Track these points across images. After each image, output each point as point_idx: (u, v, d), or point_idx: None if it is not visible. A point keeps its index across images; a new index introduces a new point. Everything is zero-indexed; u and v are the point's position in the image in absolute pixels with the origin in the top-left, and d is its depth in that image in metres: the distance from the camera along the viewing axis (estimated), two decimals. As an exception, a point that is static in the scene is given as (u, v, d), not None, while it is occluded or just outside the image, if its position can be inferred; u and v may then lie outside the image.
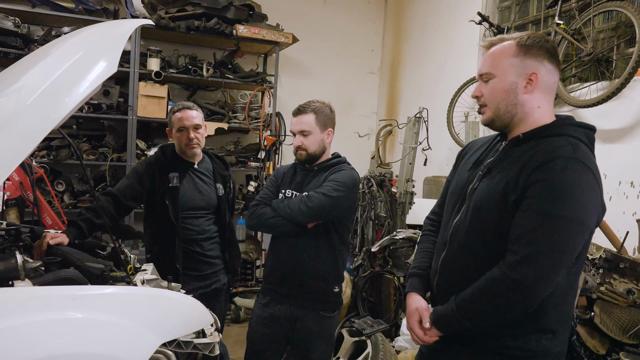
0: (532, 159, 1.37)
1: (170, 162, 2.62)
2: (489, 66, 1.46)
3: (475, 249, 1.46)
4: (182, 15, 4.39)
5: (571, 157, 1.33)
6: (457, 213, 1.54)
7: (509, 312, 1.36)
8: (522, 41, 1.43)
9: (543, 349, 1.40)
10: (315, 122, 2.30)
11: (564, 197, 1.30)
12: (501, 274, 1.34)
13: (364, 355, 3.04)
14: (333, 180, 2.27)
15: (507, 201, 1.38)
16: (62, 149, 4.11)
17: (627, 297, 2.23)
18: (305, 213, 2.21)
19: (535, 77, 1.41)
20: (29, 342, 1.25)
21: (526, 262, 1.30)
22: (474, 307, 1.40)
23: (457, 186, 1.59)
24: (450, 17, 4.73)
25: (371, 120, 5.93)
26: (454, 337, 1.49)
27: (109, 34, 1.73)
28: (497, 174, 1.44)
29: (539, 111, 1.45)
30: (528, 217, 1.33)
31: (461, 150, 1.74)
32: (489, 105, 1.48)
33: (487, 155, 1.55)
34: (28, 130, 1.36)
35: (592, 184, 1.34)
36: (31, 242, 1.89)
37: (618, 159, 3.03)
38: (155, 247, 2.63)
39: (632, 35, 2.91)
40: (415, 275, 1.67)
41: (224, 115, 4.75)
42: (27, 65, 1.61)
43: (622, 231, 2.58)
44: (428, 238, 1.75)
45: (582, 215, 1.32)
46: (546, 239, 1.30)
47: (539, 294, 1.32)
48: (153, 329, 1.44)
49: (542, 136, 1.42)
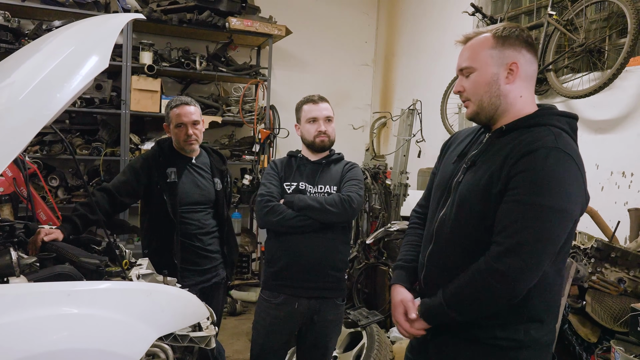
0: (514, 150, 1.37)
1: (168, 157, 2.60)
2: (468, 60, 1.46)
3: (461, 242, 1.46)
4: (174, 8, 4.36)
5: (553, 147, 1.33)
6: (442, 206, 1.55)
7: (495, 302, 1.37)
8: (498, 32, 1.43)
9: (531, 339, 1.41)
10: (332, 111, 2.41)
11: (546, 187, 1.30)
12: (486, 265, 1.35)
13: (360, 346, 3.06)
14: (355, 178, 2.36)
15: (491, 193, 1.38)
16: (56, 144, 4.09)
17: (618, 286, 2.26)
18: (350, 213, 2.28)
19: (516, 67, 1.41)
20: (24, 339, 1.25)
21: (511, 252, 1.31)
22: (460, 298, 1.41)
23: (442, 179, 1.60)
24: (443, 8, 4.73)
25: (365, 112, 5.93)
26: (443, 328, 1.50)
27: (100, 29, 1.72)
28: (481, 166, 1.45)
29: (522, 101, 1.45)
30: (512, 209, 1.33)
31: (446, 142, 1.74)
32: (472, 99, 1.47)
33: (471, 147, 1.55)
34: (20, 126, 1.35)
35: (575, 173, 1.34)
36: (25, 238, 1.88)
37: (610, 149, 3.06)
38: (153, 243, 2.61)
39: (624, 26, 2.93)
40: (401, 268, 1.69)
41: (217, 109, 4.74)
42: (18, 61, 1.60)
43: (613, 221, 2.61)
44: (415, 231, 1.75)
45: (566, 205, 1.32)
46: (530, 230, 1.30)
47: (524, 284, 1.33)
48: (149, 323, 1.44)
49: (524, 127, 1.42)
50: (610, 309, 2.25)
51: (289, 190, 2.35)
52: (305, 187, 2.35)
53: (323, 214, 2.23)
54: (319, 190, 2.34)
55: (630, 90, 2.96)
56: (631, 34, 2.75)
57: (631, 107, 2.96)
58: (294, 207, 2.25)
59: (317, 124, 2.34)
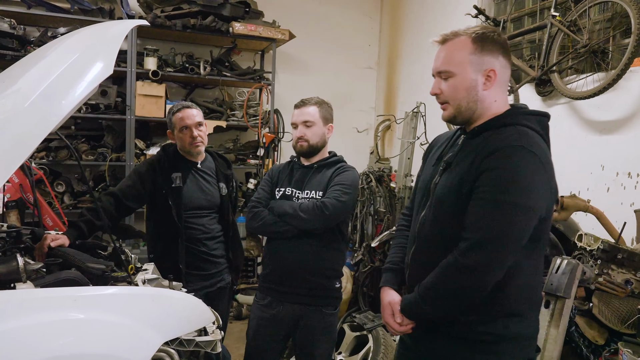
0: (482, 150, 1.43)
1: (173, 162, 2.61)
2: (447, 64, 1.49)
3: (440, 242, 1.52)
4: (178, 14, 4.38)
5: (517, 146, 1.39)
6: (423, 208, 1.61)
7: (464, 295, 1.44)
8: (476, 36, 1.47)
9: (512, 333, 1.47)
10: (318, 114, 2.34)
11: (509, 184, 1.36)
12: (454, 260, 1.42)
13: (366, 349, 3.06)
14: (340, 183, 2.29)
15: (463, 193, 1.45)
16: (61, 150, 4.11)
17: (625, 288, 2.24)
18: (322, 221, 2.21)
19: (494, 74, 1.47)
20: (31, 344, 1.26)
21: (476, 247, 1.39)
22: (432, 292, 1.49)
23: (424, 181, 1.66)
24: (446, 10, 4.72)
25: (369, 115, 5.93)
26: (433, 326, 1.56)
27: (105, 35, 1.74)
28: (455, 167, 1.51)
29: (496, 104, 1.51)
30: (478, 205, 1.41)
31: (428, 146, 1.80)
32: (450, 102, 1.52)
33: (449, 150, 1.61)
34: (27, 132, 1.37)
35: (539, 169, 1.39)
36: (32, 243, 1.89)
37: (615, 150, 3.04)
38: (159, 247, 2.62)
39: (628, 26, 2.92)
40: (389, 270, 1.76)
41: (222, 113, 4.75)
42: (24, 68, 1.62)
43: (619, 222, 2.59)
44: (402, 233, 1.82)
45: (528, 201, 1.37)
46: (494, 226, 1.37)
47: (490, 278, 1.40)
48: (155, 328, 1.45)
49: (494, 127, 1.48)
50: (617, 310, 2.24)
51: (278, 196, 2.37)
52: (292, 193, 2.35)
53: (297, 220, 2.23)
54: (305, 196, 2.32)
55: (634, 90, 2.95)
56: (635, 34, 2.73)
57: (636, 107, 2.95)
58: (273, 213, 2.29)
59: (297, 130, 2.35)
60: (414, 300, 1.53)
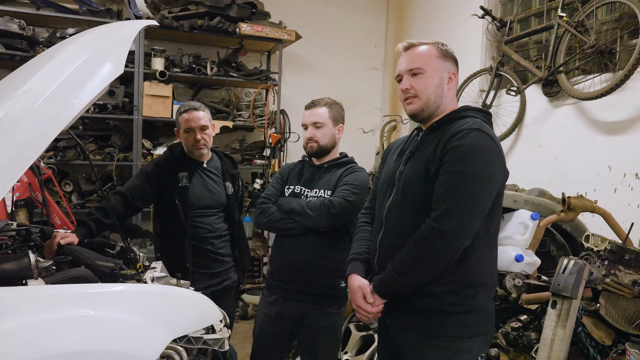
0: (445, 134, 1.64)
1: (179, 162, 2.63)
2: (420, 63, 1.69)
3: (409, 221, 1.66)
4: (185, 15, 4.41)
5: (476, 129, 1.61)
6: (389, 196, 1.76)
7: (437, 261, 1.57)
8: (440, 47, 1.73)
9: (478, 304, 1.65)
10: (328, 115, 2.35)
11: (471, 158, 1.57)
12: (427, 227, 1.57)
13: (372, 349, 3.06)
14: (349, 183, 2.30)
15: (430, 173, 1.62)
16: (69, 150, 4.14)
17: (633, 289, 2.24)
18: (329, 219, 2.22)
19: (454, 76, 1.74)
20: (42, 339, 1.28)
21: (447, 213, 1.54)
22: (407, 262, 1.61)
23: (386, 176, 1.83)
24: (452, 11, 4.72)
25: (375, 116, 5.93)
26: (400, 302, 1.69)
27: (114, 36, 1.75)
28: (418, 155, 1.71)
29: (453, 103, 1.76)
30: (445, 178, 1.58)
31: (384, 152, 1.98)
32: (420, 96, 1.70)
33: (409, 146, 1.81)
34: (37, 132, 1.39)
35: (494, 148, 1.62)
36: (41, 242, 1.92)
37: (622, 150, 3.03)
38: (165, 246, 2.64)
39: (635, 27, 2.91)
40: (355, 260, 1.87)
41: (228, 114, 4.77)
42: (34, 68, 1.63)
43: (627, 223, 2.58)
44: (363, 228, 1.96)
45: (489, 171, 1.58)
46: (461, 193, 1.55)
47: (461, 240, 1.56)
48: (163, 326, 1.46)
49: (451, 120, 1.69)
50: (624, 311, 2.23)
51: (287, 194, 2.39)
52: (302, 191, 2.36)
53: (303, 217, 2.25)
54: (314, 194, 2.34)
55: (642, 91, 2.94)
56: (643, 34, 2.73)
57: (644, 108, 2.94)
58: (281, 210, 2.31)
59: (307, 131, 2.36)
60: (387, 276, 1.64)
